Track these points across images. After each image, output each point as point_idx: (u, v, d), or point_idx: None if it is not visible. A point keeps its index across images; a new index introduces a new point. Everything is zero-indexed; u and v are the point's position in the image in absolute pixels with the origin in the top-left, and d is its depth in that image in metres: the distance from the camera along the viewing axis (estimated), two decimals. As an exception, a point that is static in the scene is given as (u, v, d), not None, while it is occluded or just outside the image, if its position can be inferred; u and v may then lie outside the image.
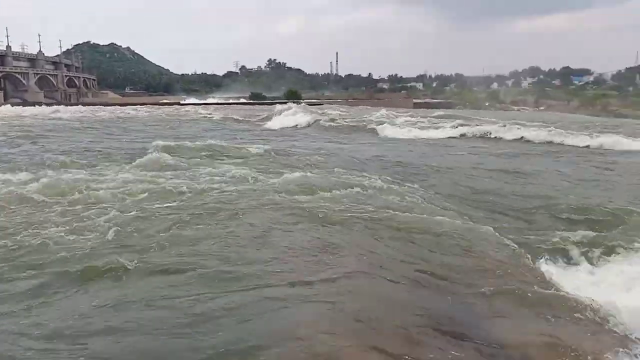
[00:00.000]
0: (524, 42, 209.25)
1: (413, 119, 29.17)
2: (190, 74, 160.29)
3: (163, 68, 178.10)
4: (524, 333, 4.34)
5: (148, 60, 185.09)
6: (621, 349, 4.16)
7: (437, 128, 25.46)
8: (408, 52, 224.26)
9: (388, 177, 11.39)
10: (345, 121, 29.21)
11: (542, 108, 58.17)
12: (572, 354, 3.94)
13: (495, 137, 23.12)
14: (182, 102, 79.14)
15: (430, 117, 30.42)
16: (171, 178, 10.16)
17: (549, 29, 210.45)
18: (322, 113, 31.13)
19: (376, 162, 14.44)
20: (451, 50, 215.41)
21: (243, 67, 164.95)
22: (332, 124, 28.82)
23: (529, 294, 5.22)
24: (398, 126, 26.26)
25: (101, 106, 60.80)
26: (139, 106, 59.36)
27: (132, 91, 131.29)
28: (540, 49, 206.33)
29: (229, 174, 10.79)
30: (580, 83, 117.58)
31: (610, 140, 20.07)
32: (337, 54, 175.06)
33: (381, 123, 27.54)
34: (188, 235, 6.50)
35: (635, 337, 4.43)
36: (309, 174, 10.92)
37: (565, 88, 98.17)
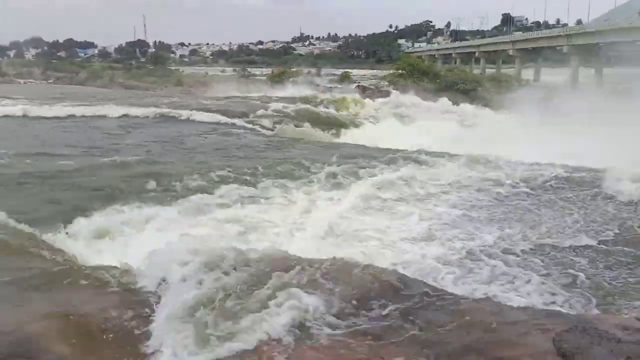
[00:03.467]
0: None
1: None
2: None
3: None
4: (31, 312, 4.18)
5: None
6: (136, 307, 4.56)
7: None
8: None
9: None
10: None
11: (50, 81, 55.81)
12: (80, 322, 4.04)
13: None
14: None
15: None
16: None
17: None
18: None
19: None
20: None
21: None
22: None
23: (52, 273, 5.10)
24: None
25: None
26: None
27: None
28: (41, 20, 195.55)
29: None
30: (86, 55, 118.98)
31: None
32: None
33: None
34: None
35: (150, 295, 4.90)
36: None
37: (71, 60, 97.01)
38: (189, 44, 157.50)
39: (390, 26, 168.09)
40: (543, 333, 3.43)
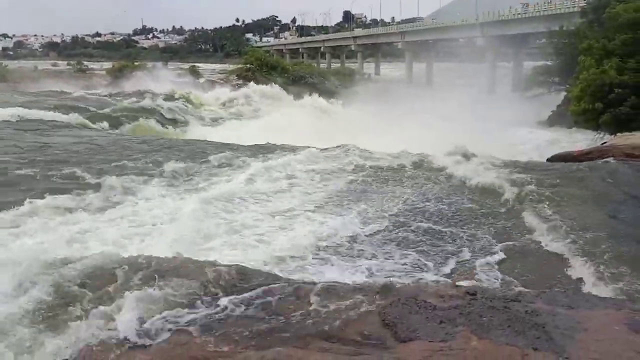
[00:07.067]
0: None
1: None
2: None
3: None
4: None
5: None
6: None
7: None
8: None
9: None
10: None
11: None
12: None
13: None
14: None
15: None
16: None
17: None
18: None
19: None
20: None
21: None
22: None
23: None
24: None
25: None
26: None
27: None
28: None
29: None
30: None
31: None
32: None
33: None
34: None
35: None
36: None
37: None
38: (13, 35, 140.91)
39: (237, 20, 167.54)
40: (372, 308, 3.66)
